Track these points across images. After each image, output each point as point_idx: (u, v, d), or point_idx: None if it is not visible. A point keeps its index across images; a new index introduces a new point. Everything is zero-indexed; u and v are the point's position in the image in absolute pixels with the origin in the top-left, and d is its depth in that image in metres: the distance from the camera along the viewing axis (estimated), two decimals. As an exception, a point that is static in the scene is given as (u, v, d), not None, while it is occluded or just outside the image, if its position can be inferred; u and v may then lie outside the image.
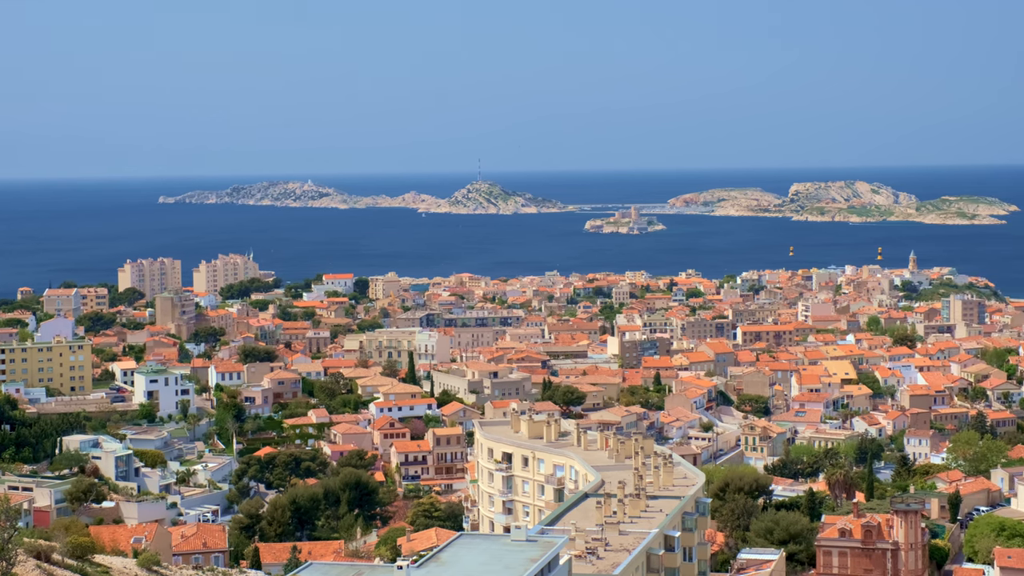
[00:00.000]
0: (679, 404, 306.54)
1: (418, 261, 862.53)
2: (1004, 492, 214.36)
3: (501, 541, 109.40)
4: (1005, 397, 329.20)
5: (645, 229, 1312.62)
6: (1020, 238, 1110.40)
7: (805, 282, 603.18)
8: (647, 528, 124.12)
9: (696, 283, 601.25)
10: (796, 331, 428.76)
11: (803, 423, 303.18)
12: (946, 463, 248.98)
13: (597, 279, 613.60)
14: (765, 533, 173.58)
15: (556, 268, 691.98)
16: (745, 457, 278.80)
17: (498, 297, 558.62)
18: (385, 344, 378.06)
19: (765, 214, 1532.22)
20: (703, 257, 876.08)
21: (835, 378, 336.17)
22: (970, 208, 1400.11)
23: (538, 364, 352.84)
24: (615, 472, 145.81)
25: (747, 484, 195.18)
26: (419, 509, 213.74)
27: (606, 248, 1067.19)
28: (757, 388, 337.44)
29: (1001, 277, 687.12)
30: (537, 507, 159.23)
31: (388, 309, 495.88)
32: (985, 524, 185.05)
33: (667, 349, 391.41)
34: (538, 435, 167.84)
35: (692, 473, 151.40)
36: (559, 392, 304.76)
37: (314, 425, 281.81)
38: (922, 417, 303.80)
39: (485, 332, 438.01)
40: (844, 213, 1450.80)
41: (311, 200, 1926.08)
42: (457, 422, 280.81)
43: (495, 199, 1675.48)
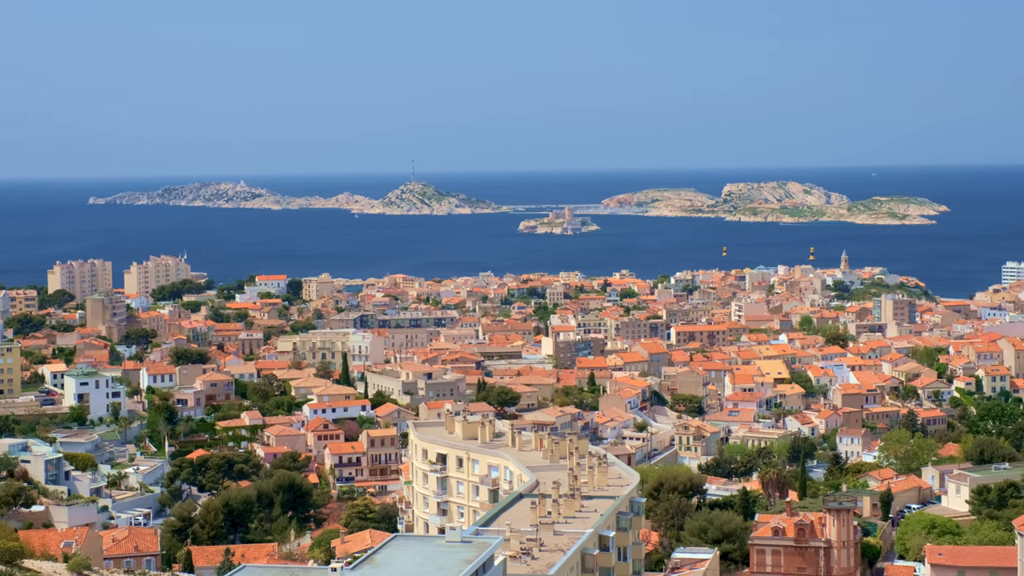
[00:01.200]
0: (613, 404, 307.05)
1: (352, 262, 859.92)
2: (935, 490, 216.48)
3: (436, 542, 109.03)
4: (935, 396, 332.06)
5: (579, 230, 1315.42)
6: (950, 238, 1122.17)
7: (738, 282, 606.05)
8: (582, 528, 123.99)
9: (630, 283, 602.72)
10: (729, 331, 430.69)
11: (736, 422, 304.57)
12: (878, 461, 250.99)
13: (531, 280, 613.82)
14: (699, 532, 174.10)
15: (490, 269, 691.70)
16: (679, 457, 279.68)
17: (432, 298, 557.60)
18: (319, 345, 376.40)
19: (699, 214, 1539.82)
20: (637, 257, 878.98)
21: (768, 378, 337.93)
22: (901, 208, 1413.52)
23: (472, 365, 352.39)
24: (550, 472, 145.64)
25: (681, 484, 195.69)
26: (353, 511, 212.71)
27: (540, 249, 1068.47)
28: (691, 388, 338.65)
29: (931, 277, 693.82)
30: (472, 508, 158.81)
31: (322, 310, 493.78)
32: (916, 522, 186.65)
33: (601, 349, 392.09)
34: (472, 436, 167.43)
35: (626, 473, 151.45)
36: (493, 393, 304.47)
37: (247, 427, 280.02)
38: (854, 416, 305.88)
39: (419, 333, 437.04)
40: (777, 213, 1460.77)
41: (243, 201, 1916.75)
42: (391, 423, 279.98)
43: (429, 200, 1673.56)
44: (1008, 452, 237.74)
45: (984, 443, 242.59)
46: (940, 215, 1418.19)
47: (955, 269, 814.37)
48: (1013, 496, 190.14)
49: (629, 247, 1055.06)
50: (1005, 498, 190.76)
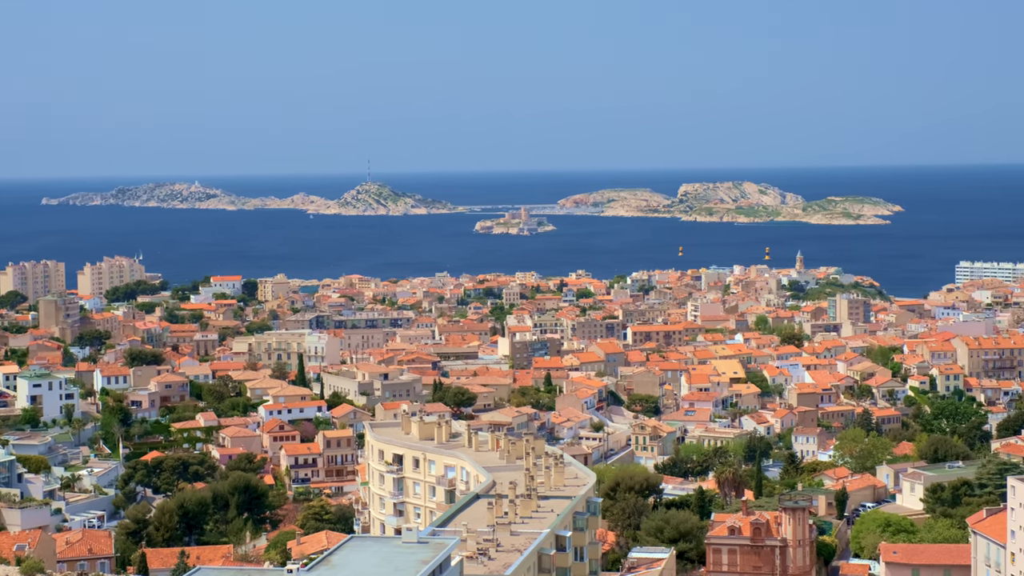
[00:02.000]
0: (570, 404, 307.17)
1: (308, 263, 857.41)
2: (889, 488, 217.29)
3: (392, 543, 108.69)
4: (890, 395, 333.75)
5: (535, 230, 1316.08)
6: (904, 238, 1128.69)
7: (694, 282, 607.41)
8: (538, 528, 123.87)
9: (586, 283, 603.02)
10: (685, 331, 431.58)
11: (693, 422, 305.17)
12: (833, 460, 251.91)
13: (487, 280, 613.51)
14: (655, 532, 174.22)
15: (446, 269, 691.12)
16: (635, 456, 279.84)
17: (388, 298, 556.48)
18: (274, 346, 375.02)
19: (654, 214, 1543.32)
20: (593, 257, 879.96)
21: (724, 377, 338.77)
22: (855, 208, 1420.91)
23: (429, 365, 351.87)
24: (506, 473, 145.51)
25: (637, 483, 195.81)
26: (309, 512, 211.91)
27: (496, 249, 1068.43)
28: (647, 388, 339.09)
29: (886, 276, 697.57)
30: (428, 509, 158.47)
31: (277, 311, 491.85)
32: (871, 520, 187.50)
33: (557, 350, 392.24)
34: (429, 436, 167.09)
35: (583, 473, 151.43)
36: (450, 393, 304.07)
37: (202, 428, 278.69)
38: (809, 415, 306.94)
39: (375, 334, 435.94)
40: (732, 213, 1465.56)
41: (198, 201, 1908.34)
42: (347, 424, 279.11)
43: (385, 200, 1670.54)
44: (962, 451, 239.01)
45: (938, 442, 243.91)
46: (894, 215, 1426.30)
47: (909, 269, 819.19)
48: (967, 494, 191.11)
49: (585, 247, 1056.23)
50: (959, 496, 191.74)
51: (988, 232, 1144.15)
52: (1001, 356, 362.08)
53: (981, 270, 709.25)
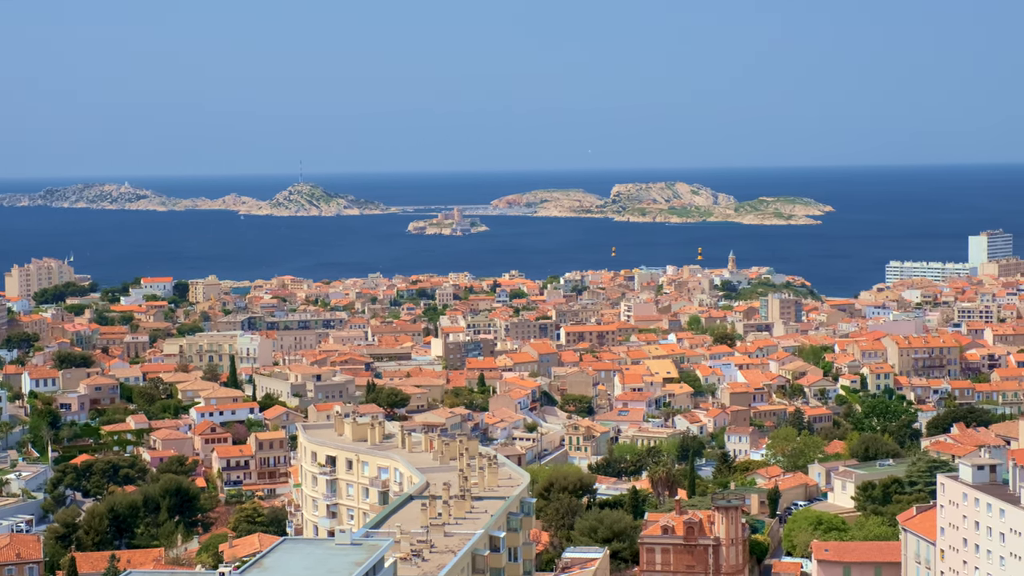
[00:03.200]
0: (503, 405, 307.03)
1: (239, 264, 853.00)
2: (821, 487, 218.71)
3: (325, 545, 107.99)
4: (821, 394, 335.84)
5: (468, 230, 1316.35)
6: (835, 238, 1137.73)
7: (627, 282, 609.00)
8: (472, 529, 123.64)
9: (519, 284, 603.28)
10: (619, 331, 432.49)
11: (626, 422, 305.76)
12: (765, 459, 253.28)
13: (420, 281, 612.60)
14: (589, 532, 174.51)
15: (379, 270, 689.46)
16: (569, 457, 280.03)
17: (321, 299, 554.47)
18: (206, 348, 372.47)
19: (587, 215, 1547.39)
20: (526, 258, 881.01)
21: (657, 377, 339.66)
22: (787, 209, 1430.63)
23: (362, 366, 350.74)
24: (440, 474, 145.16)
25: (571, 483, 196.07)
26: (241, 514, 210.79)
27: (429, 249, 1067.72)
28: (581, 388, 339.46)
29: (817, 276, 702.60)
30: (362, 510, 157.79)
31: (209, 312, 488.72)
32: (803, 518, 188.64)
33: (491, 350, 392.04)
34: (362, 438, 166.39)
35: (517, 473, 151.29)
36: (383, 394, 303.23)
37: (133, 431, 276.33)
38: (742, 414, 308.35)
39: (308, 335, 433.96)
40: (665, 214, 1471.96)
41: (128, 203, 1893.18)
42: (280, 426, 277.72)
43: (317, 201, 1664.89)
44: (892, 449, 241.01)
45: (869, 440, 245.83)
46: (825, 215, 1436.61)
47: (840, 268, 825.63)
48: (897, 492, 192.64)
49: (518, 248, 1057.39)
50: (889, 494, 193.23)
51: (917, 232, 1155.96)
52: (930, 355, 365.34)
53: (911, 269, 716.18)
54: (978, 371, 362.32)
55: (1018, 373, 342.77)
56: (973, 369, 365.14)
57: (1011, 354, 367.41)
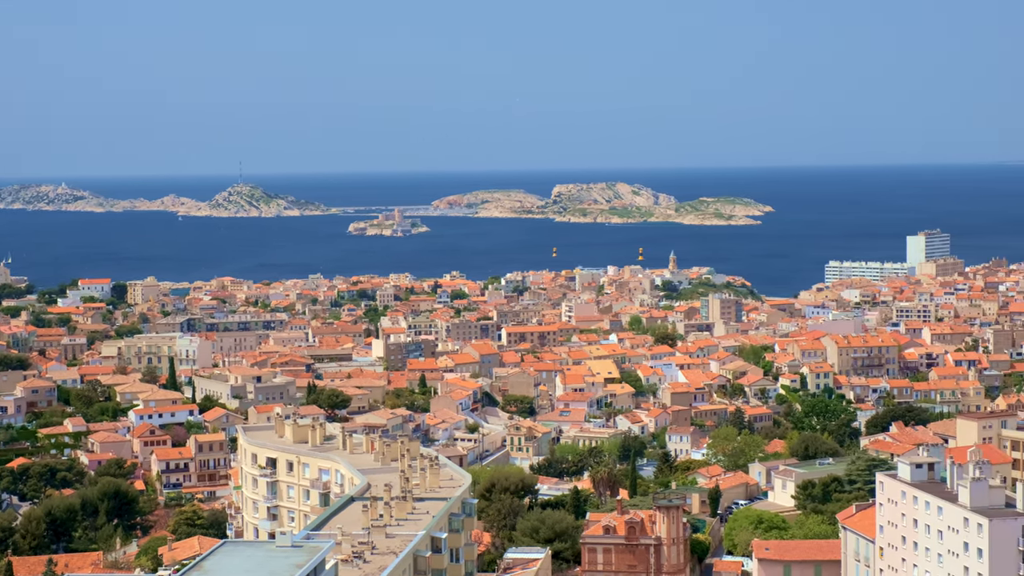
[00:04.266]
0: (445, 406, 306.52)
1: (179, 265, 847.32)
2: (762, 486, 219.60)
3: (266, 547, 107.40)
4: (762, 393, 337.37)
5: (409, 231, 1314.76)
6: (774, 238, 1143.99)
7: (568, 283, 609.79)
8: (414, 530, 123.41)
9: (461, 285, 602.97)
10: (560, 331, 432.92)
11: (568, 422, 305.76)
12: (706, 459, 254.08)
13: (361, 282, 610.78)
14: (531, 532, 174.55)
15: (320, 271, 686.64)
16: (511, 457, 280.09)
17: (261, 301, 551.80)
18: (144, 350, 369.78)
19: (528, 215, 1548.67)
20: (467, 259, 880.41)
21: (599, 377, 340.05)
22: (727, 209, 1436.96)
23: (302, 368, 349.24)
24: (381, 475, 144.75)
25: (513, 484, 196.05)
26: (181, 517, 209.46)
27: (370, 250, 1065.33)
28: (522, 388, 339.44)
29: (757, 276, 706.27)
30: (302, 512, 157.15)
31: (148, 314, 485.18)
32: (744, 517, 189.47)
33: (432, 351, 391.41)
34: (303, 439, 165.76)
35: (458, 474, 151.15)
36: (324, 395, 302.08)
37: (70, 434, 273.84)
38: (683, 414, 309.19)
39: (248, 336, 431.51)
40: (606, 214, 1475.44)
41: (65, 204, 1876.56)
42: (220, 428, 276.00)
43: (257, 202, 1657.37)
44: (831, 448, 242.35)
45: (808, 439, 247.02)
46: (765, 215, 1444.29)
47: (780, 268, 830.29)
48: (837, 490, 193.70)
49: (459, 248, 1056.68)
50: (829, 492, 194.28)
51: (856, 232, 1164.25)
52: (869, 354, 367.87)
53: (850, 269, 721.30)
54: (916, 370, 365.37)
55: (955, 372, 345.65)
56: (911, 368, 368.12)
57: (948, 353, 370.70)
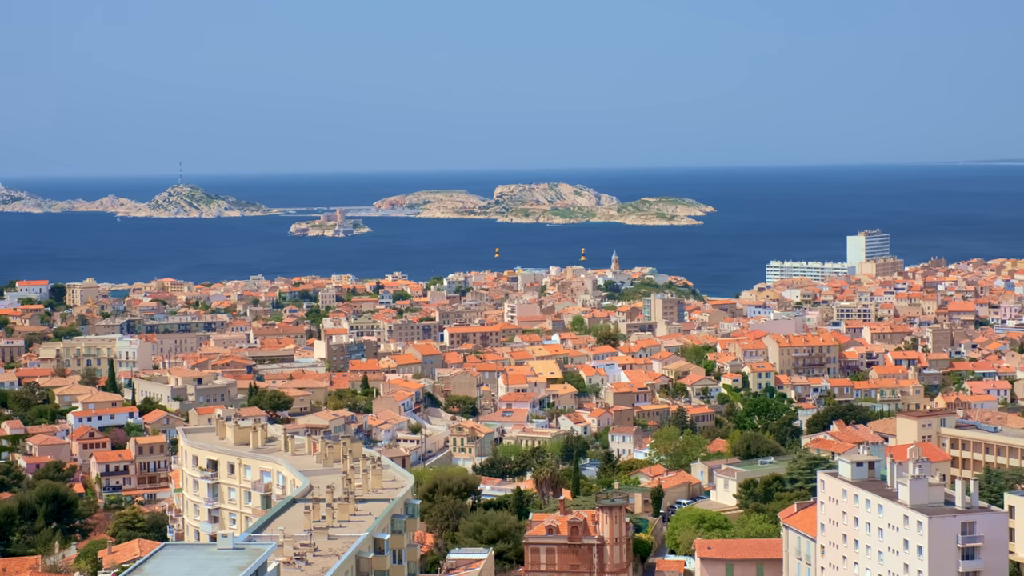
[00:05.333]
0: (387, 407, 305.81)
1: (118, 266, 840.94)
2: (704, 485, 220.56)
3: (207, 550, 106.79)
4: (704, 393, 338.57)
5: (351, 232, 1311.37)
6: (716, 237, 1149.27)
7: (511, 283, 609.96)
8: (356, 532, 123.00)
9: (403, 285, 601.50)
10: (502, 332, 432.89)
11: (510, 423, 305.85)
12: (649, 458, 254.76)
13: (303, 283, 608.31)
14: (474, 533, 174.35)
15: (261, 272, 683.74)
16: (453, 458, 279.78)
17: (202, 302, 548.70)
18: (83, 352, 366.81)
19: (471, 216, 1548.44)
20: (410, 259, 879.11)
21: (541, 378, 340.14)
22: (669, 209, 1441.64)
23: (243, 369, 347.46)
24: (323, 476, 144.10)
25: (456, 485, 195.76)
26: (121, 520, 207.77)
27: (312, 251, 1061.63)
28: (464, 389, 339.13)
29: (699, 276, 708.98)
30: (244, 514, 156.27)
31: (86, 316, 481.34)
32: (686, 516, 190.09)
33: (374, 352, 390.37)
34: (244, 441, 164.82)
35: (401, 475, 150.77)
36: (265, 397, 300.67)
37: (8, 437, 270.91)
38: (625, 414, 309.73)
39: (188, 338, 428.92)
40: (548, 214, 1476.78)
41: (2, 204, 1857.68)
42: (160, 430, 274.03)
43: (197, 202, 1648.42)
44: (773, 447, 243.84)
45: (750, 438, 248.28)
46: (707, 215, 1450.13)
47: (721, 268, 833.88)
48: (778, 489, 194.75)
49: (401, 249, 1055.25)
50: (771, 491, 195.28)
51: (797, 232, 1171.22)
52: (810, 353, 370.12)
53: (790, 269, 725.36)
54: (857, 369, 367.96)
55: (895, 371, 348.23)
56: (852, 367, 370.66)
57: (888, 352, 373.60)
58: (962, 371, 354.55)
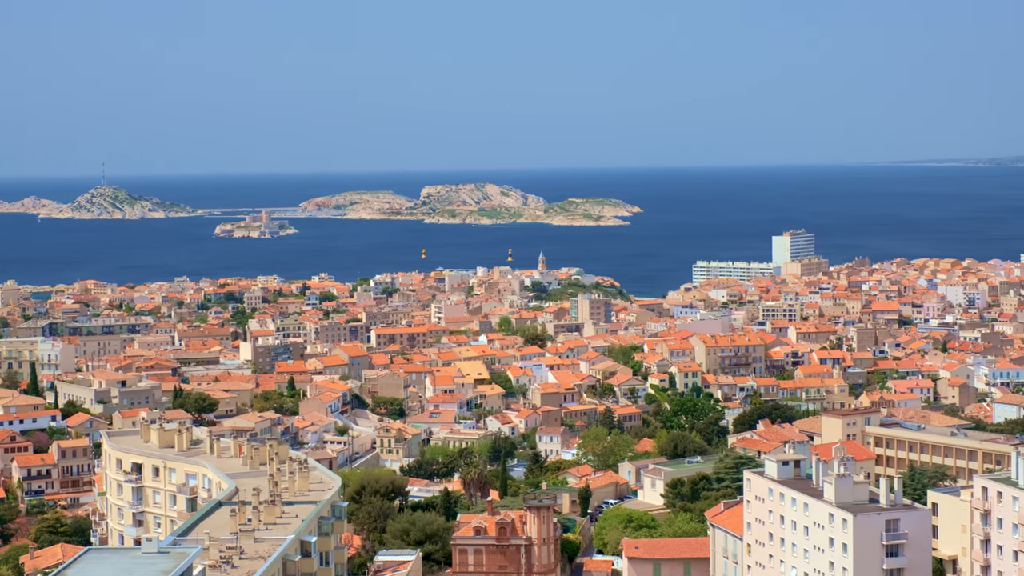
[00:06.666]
0: (314, 408, 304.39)
1: (40, 268, 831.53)
2: (631, 485, 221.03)
3: (131, 555, 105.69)
4: (631, 393, 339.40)
5: (276, 233, 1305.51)
6: (643, 238, 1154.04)
7: (438, 284, 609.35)
8: (283, 534, 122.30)
9: (329, 287, 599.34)
10: (430, 333, 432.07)
11: (438, 424, 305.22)
12: (576, 459, 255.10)
13: (229, 284, 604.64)
14: (402, 534, 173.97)
15: (186, 273, 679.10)
16: (381, 459, 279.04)
17: (126, 304, 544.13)
18: (4, 355, 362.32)
19: (397, 217, 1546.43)
20: (336, 260, 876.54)
21: (468, 378, 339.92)
22: (596, 210, 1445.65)
23: (168, 372, 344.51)
24: (250, 479, 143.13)
25: (383, 486, 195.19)
26: (43, 525, 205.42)
27: (237, 252, 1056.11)
28: (392, 390, 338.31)
29: (626, 276, 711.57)
30: (169, 518, 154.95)
31: (7, 318, 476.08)
32: (614, 516, 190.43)
33: (301, 353, 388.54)
34: (169, 444, 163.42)
35: (328, 477, 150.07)
36: (190, 399, 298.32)
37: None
38: (553, 415, 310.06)
39: (112, 340, 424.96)
40: (475, 215, 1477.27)
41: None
42: (84, 433, 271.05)
43: (121, 204, 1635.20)
44: (700, 446, 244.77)
45: (677, 438, 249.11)
46: (634, 216, 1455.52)
47: (648, 268, 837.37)
48: (705, 488, 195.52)
49: (328, 250, 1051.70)
50: (698, 491, 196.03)
51: (723, 232, 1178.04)
52: (736, 353, 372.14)
53: (717, 269, 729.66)
54: (782, 368, 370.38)
55: (820, 370, 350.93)
56: (777, 366, 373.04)
57: (814, 351, 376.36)
58: (886, 370, 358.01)
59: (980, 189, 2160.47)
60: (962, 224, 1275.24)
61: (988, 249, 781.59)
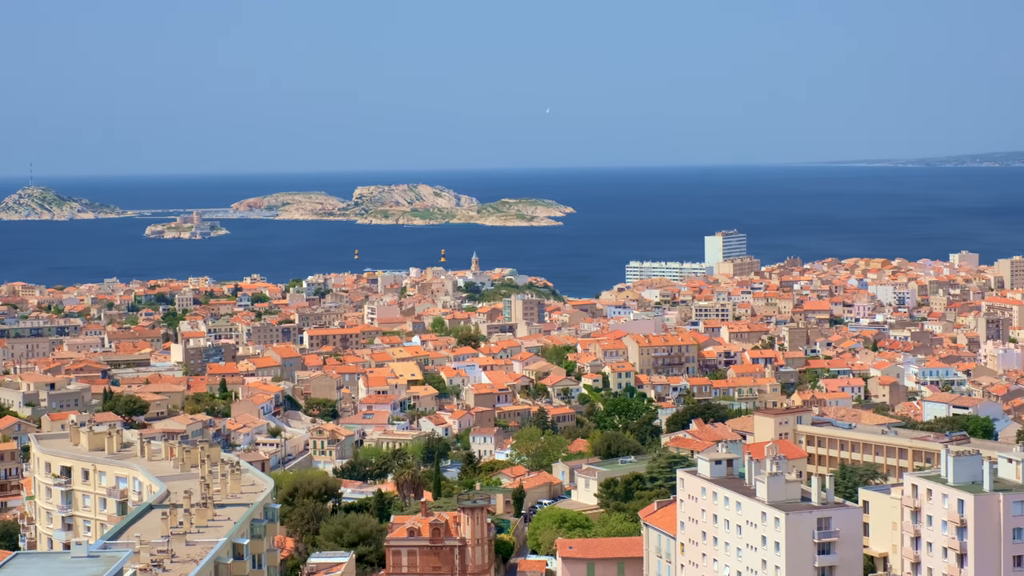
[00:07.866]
0: (246, 410, 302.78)
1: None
2: (565, 485, 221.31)
3: (61, 559, 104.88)
4: (565, 393, 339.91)
5: (208, 234, 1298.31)
6: (575, 238, 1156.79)
7: (371, 285, 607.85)
8: (215, 537, 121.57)
9: (261, 288, 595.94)
10: (363, 334, 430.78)
11: (371, 425, 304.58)
12: (510, 459, 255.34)
13: (159, 285, 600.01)
14: (335, 536, 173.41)
15: (116, 275, 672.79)
16: (314, 461, 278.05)
17: (54, 306, 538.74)
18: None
19: (330, 217, 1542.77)
20: (268, 261, 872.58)
21: (402, 379, 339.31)
22: (529, 210, 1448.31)
23: (98, 374, 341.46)
24: (181, 482, 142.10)
25: (316, 488, 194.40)
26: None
27: (168, 253, 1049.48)
28: (325, 392, 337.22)
29: (559, 276, 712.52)
30: (99, 521, 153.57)
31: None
32: (548, 516, 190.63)
33: (233, 355, 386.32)
34: (99, 447, 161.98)
35: (260, 479, 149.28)
36: (121, 402, 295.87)
37: None
38: (486, 415, 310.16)
39: (40, 342, 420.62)
40: (408, 216, 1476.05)
41: None
42: (11, 437, 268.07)
43: (49, 204, 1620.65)
44: (633, 446, 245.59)
45: (611, 438, 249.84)
46: (566, 216, 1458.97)
47: (581, 268, 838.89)
48: (639, 488, 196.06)
49: (260, 251, 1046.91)
50: (631, 490, 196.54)
51: (655, 232, 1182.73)
52: (670, 353, 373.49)
53: (650, 269, 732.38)
54: (715, 368, 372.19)
55: (753, 369, 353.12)
56: (710, 366, 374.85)
57: (746, 351, 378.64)
58: (817, 369, 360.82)
59: (910, 189, 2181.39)
60: (892, 224, 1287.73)
61: (918, 249, 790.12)
